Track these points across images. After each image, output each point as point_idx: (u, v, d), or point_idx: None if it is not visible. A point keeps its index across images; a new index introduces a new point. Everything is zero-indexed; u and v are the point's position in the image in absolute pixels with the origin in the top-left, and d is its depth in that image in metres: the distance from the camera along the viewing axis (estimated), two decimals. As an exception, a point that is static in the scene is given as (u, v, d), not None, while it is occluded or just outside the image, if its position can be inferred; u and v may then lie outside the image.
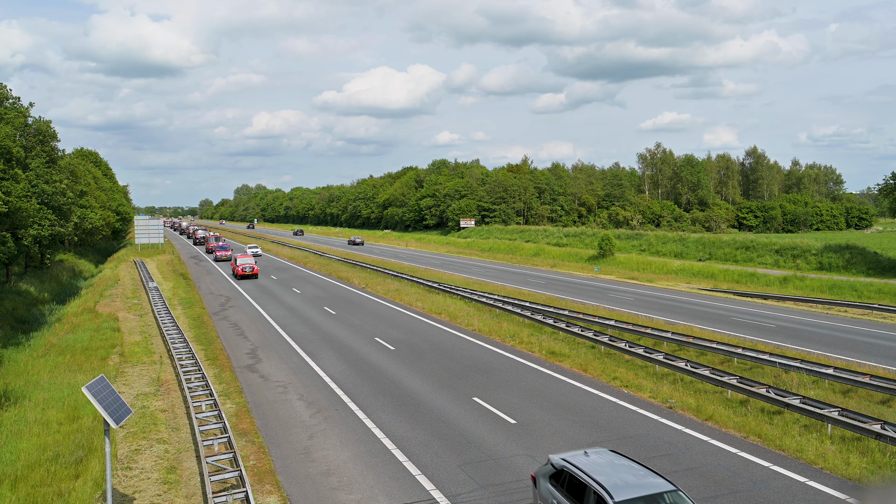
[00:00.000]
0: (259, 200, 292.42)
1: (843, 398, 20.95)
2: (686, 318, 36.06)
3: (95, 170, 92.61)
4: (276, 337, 32.01)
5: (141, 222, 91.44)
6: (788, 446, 16.77)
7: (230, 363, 26.71)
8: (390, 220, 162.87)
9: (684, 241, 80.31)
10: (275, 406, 21.22)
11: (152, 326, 34.55)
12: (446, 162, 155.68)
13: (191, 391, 21.23)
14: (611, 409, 20.28)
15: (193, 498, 14.86)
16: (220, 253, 73.95)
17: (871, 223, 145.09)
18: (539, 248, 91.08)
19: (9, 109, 42.62)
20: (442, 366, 25.70)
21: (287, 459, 16.85)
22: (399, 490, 14.95)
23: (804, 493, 14.43)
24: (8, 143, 35.37)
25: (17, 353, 30.19)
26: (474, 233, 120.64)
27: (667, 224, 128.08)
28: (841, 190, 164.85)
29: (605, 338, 27.97)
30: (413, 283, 51.44)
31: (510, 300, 39.72)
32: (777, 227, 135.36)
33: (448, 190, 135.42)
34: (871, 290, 47.30)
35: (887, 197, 68.49)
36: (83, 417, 19.19)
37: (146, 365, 26.44)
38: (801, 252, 65.50)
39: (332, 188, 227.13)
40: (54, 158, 49.64)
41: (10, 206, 33.45)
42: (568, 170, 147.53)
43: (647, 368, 24.77)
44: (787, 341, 30.07)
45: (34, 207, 40.89)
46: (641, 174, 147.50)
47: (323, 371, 25.32)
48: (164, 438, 18.38)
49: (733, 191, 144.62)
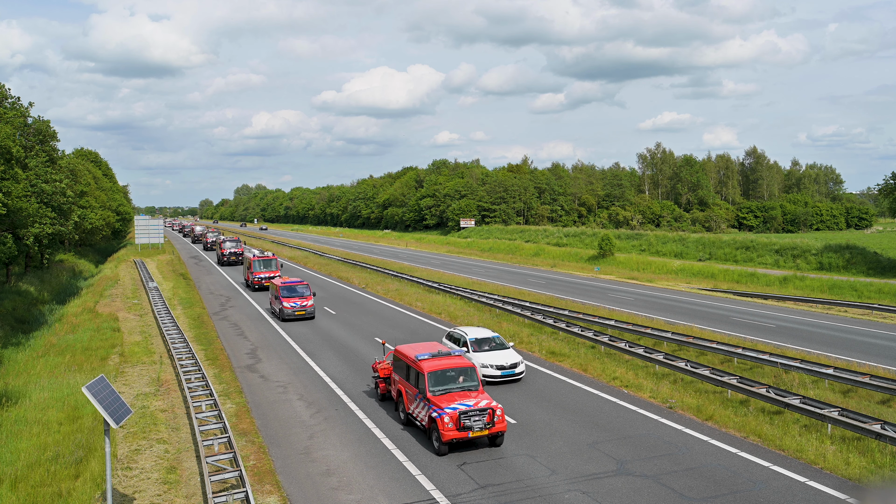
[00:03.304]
0: (259, 200, 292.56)
1: (843, 398, 20.95)
2: (686, 318, 36.06)
3: (95, 170, 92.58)
4: (276, 337, 32.01)
5: (141, 222, 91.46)
6: (788, 446, 16.78)
7: (230, 363, 26.71)
8: (390, 220, 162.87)
9: (684, 241, 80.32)
10: (275, 406, 21.22)
11: (152, 326, 34.55)
12: (446, 162, 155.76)
13: (191, 391, 21.22)
14: (611, 409, 20.28)
15: (193, 498, 14.86)
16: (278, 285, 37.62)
17: (871, 223, 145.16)
18: (539, 248, 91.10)
19: (8, 109, 42.62)
20: (442, 366, 25.68)
21: (287, 459, 16.85)
22: (399, 490, 14.95)
23: (804, 493, 14.43)
24: (8, 143, 35.35)
25: (17, 352, 30.19)
26: (474, 233, 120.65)
27: (667, 224, 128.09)
28: (841, 190, 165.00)
29: (605, 338, 27.97)
30: (413, 283, 51.44)
31: (510, 300, 39.72)
32: (777, 227, 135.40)
33: (448, 190, 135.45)
34: (871, 290, 47.30)
35: (887, 197, 68.52)
36: (83, 417, 19.19)
37: (146, 365, 26.44)
38: (801, 252, 65.51)
39: (332, 188, 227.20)
40: (54, 158, 49.64)
41: (9, 206, 33.45)
42: (568, 170, 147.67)
43: (648, 368, 24.76)
44: (787, 341, 30.07)
45: (34, 207, 40.90)
46: (641, 174, 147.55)
47: (323, 371, 25.32)
48: (164, 438, 18.38)
49: (733, 191, 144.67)
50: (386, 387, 21.18)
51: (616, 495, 14.44)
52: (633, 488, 14.76)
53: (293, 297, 36.01)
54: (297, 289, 36.67)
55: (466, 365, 18.37)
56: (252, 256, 49.59)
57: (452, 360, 18.55)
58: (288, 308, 35.57)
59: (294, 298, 35.97)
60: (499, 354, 23.78)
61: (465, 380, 18.04)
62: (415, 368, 18.43)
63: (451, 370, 18.13)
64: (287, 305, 35.63)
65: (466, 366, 18.34)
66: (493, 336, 25.13)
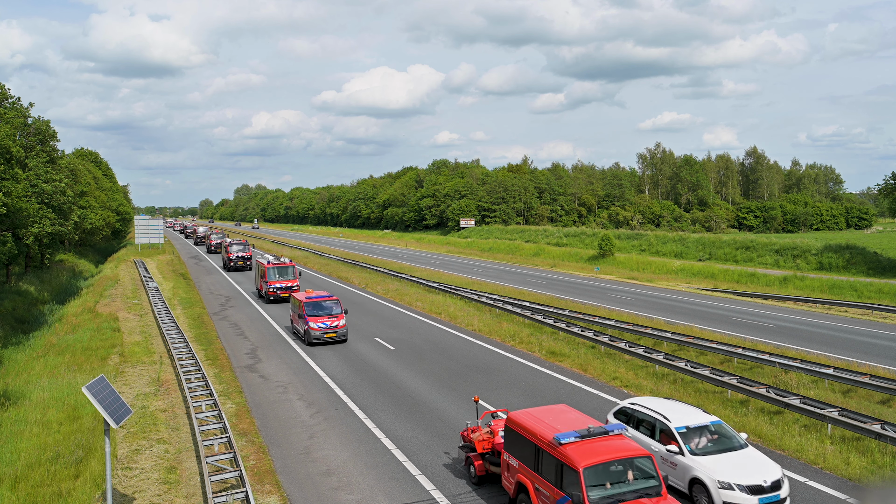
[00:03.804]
0: (259, 200, 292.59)
1: (843, 398, 20.94)
2: (686, 318, 36.05)
3: (95, 170, 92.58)
4: (275, 337, 31.99)
5: (141, 222, 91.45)
6: (788, 446, 16.78)
7: (230, 363, 26.71)
8: (390, 220, 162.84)
9: (684, 241, 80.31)
10: (275, 406, 21.22)
11: (152, 326, 34.54)
12: (446, 162, 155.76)
13: (191, 391, 21.23)
14: (611, 409, 20.25)
15: (193, 498, 14.86)
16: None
17: (871, 223, 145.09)
18: (539, 248, 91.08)
19: (9, 109, 42.63)
20: (442, 366, 25.69)
21: (287, 459, 16.85)
22: (399, 490, 14.95)
23: (804, 492, 14.42)
24: (8, 143, 35.38)
25: (17, 353, 30.18)
26: (474, 233, 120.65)
27: (667, 224, 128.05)
28: (841, 190, 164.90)
29: (605, 338, 27.97)
30: (413, 283, 51.44)
31: (510, 300, 39.72)
32: (777, 227, 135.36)
33: (448, 190, 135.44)
34: (871, 290, 47.30)
35: (887, 197, 68.51)
36: (83, 417, 19.19)
37: (146, 365, 26.43)
38: (801, 252, 65.51)
39: (332, 188, 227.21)
40: (54, 158, 49.64)
41: (10, 206, 33.46)
42: (568, 170, 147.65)
43: (648, 368, 24.76)
44: (787, 341, 30.06)
45: (34, 207, 40.90)
46: (641, 174, 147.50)
47: (323, 371, 25.31)
48: (164, 438, 18.38)
49: (733, 191, 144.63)
50: (485, 466, 15.11)
51: (616, 495, 14.41)
52: (633, 488, 14.73)
53: (320, 317, 30.09)
54: (324, 305, 30.60)
55: (639, 453, 12.23)
56: (266, 263, 43.37)
57: (616, 445, 12.29)
58: (315, 330, 29.65)
59: (321, 318, 29.99)
60: (737, 459, 14.02)
61: (637, 477, 11.98)
62: (554, 457, 12.30)
63: (617, 462, 11.98)
64: (314, 327, 29.67)
65: (640, 454, 12.21)
66: (711, 422, 14.92)
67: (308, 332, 29.70)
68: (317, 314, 30.06)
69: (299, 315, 31.10)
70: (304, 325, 30.04)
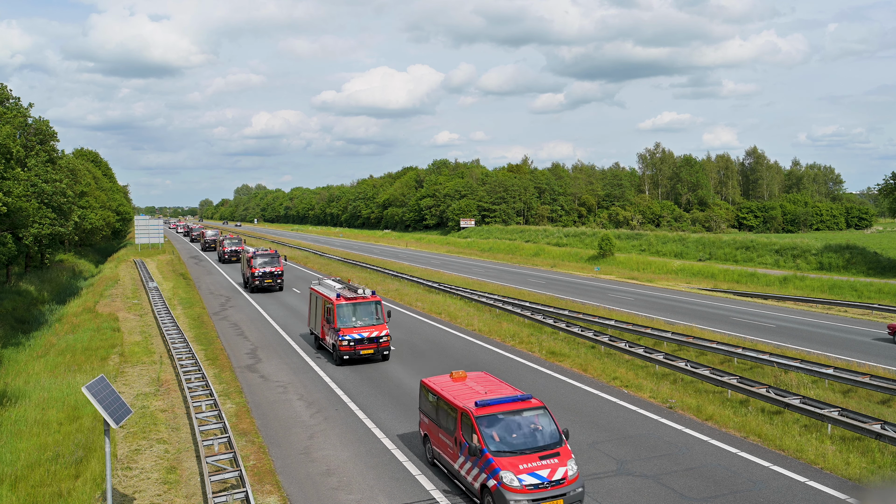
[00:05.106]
0: (259, 200, 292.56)
1: (843, 398, 20.95)
2: (686, 318, 36.05)
3: (95, 170, 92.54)
4: (276, 337, 32.00)
5: (141, 222, 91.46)
6: (788, 446, 16.77)
7: (230, 363, 26.70)
8: (390, 220, 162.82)
9: (684, 241, 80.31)
10: (275, 406, 21.21)
11: (152, 326, 34.54)
12: (446, 162, 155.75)
13: (191, 391, 21.22)
14: (611, 409, 20.28)
15: (193, 498, 14.86)
16: None
17: (871, 223, 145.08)
18: (539, 248, 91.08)
19: (9, 109, 42.62)
20: (442, 365, 25.67)
21: (287, 459, 16.85)
22: (399, 490, 14.95)
23: (804, 492, 14.42)
24: (8, 143, 35.37)
25: (17, 353, 30.19)
26: (474, 233, 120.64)
27: (667, 224, 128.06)
28: (841, 190, 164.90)
29: (605, 338, 27.96)
30: (413, 283, 51.43)
31: (510, 300, 39.71)
32: (777, 227, 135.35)
33: (448, 190, 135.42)
34: (871, 290, 47.30)
35: (887, 197, 68.51)
36: (83, 417, 19.18)
37: (146, 365, 26.43)
38: (801, 252, 65.51)
39: (332, 188, 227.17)
40: (54, 158, 49.61)
41: (10, 206, 33.46)
42: (568, 170, 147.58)
43: (648, 368, 24.76)
44: (787, 341, 30.07)
45: (34, 207, 40.89)
46: (641, 174, 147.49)
47: (323, 371, 25.30)
48: (164, 438, 18.37)
49: (733, 191, 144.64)
50: None
51: (616, 495, 14.44)
52: (633, 488, 14.76)
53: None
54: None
55: None
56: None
57: None
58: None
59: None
60: None
61: None
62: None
63: None
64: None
65: None
66: None
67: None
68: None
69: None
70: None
